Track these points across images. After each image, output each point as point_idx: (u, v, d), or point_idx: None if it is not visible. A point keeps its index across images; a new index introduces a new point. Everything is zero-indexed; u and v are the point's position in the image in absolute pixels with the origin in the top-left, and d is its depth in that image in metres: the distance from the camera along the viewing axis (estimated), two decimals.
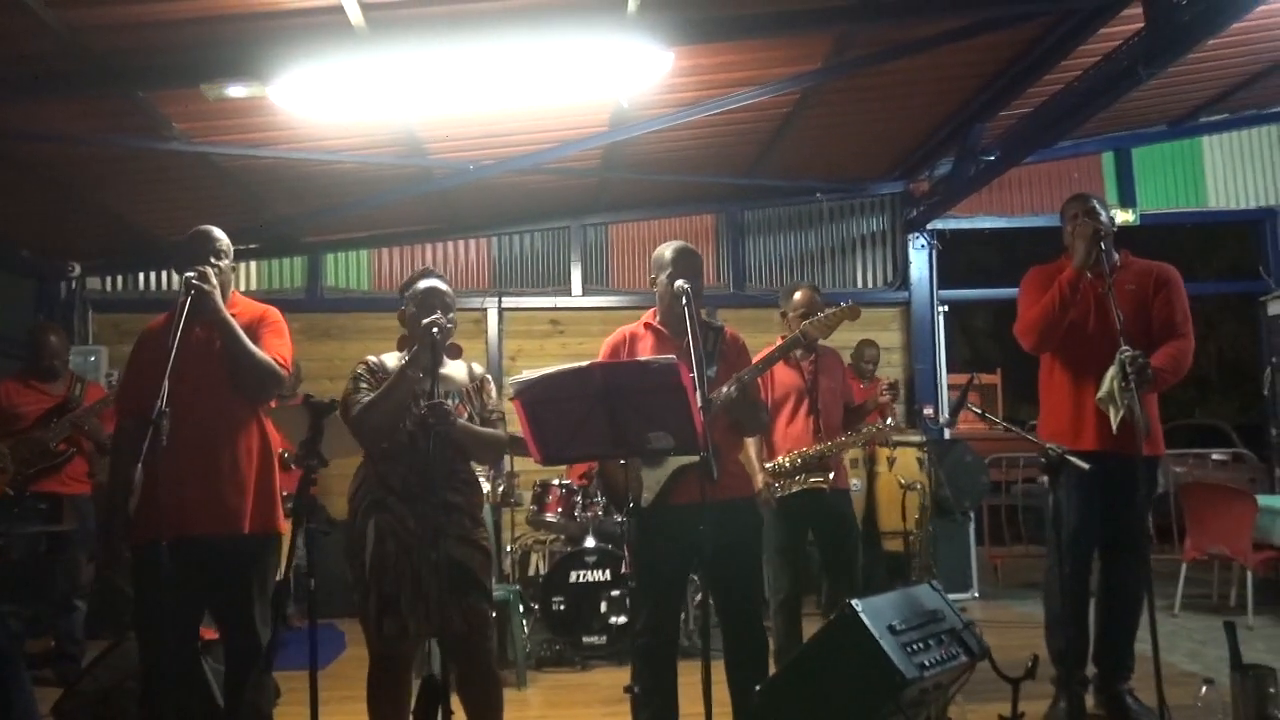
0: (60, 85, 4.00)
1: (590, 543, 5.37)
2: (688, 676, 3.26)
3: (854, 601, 2.61)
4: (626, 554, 3.58)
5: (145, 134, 4.89)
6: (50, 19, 3.55)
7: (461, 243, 7.70)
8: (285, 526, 3.31)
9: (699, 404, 2.67)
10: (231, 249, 3.30)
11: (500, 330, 7.59)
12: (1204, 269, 12.42)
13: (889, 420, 4.31)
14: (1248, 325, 9.27)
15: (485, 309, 7.59)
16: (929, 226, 7.54)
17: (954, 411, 3.44)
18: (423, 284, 3.20)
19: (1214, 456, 8.28)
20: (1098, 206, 3.87)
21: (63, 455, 4.85)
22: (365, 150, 5.61)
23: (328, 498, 6.35)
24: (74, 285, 7.21)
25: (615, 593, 5.22)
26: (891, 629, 2.56)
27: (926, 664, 2.55)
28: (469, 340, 7.66)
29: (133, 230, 6.67)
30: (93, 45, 3.85)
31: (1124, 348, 3.47)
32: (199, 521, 3.02)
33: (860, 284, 7.79)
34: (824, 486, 3.93)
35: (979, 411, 3.22)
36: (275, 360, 3.17)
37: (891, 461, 5.68)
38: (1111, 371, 3.53)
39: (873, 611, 2.59)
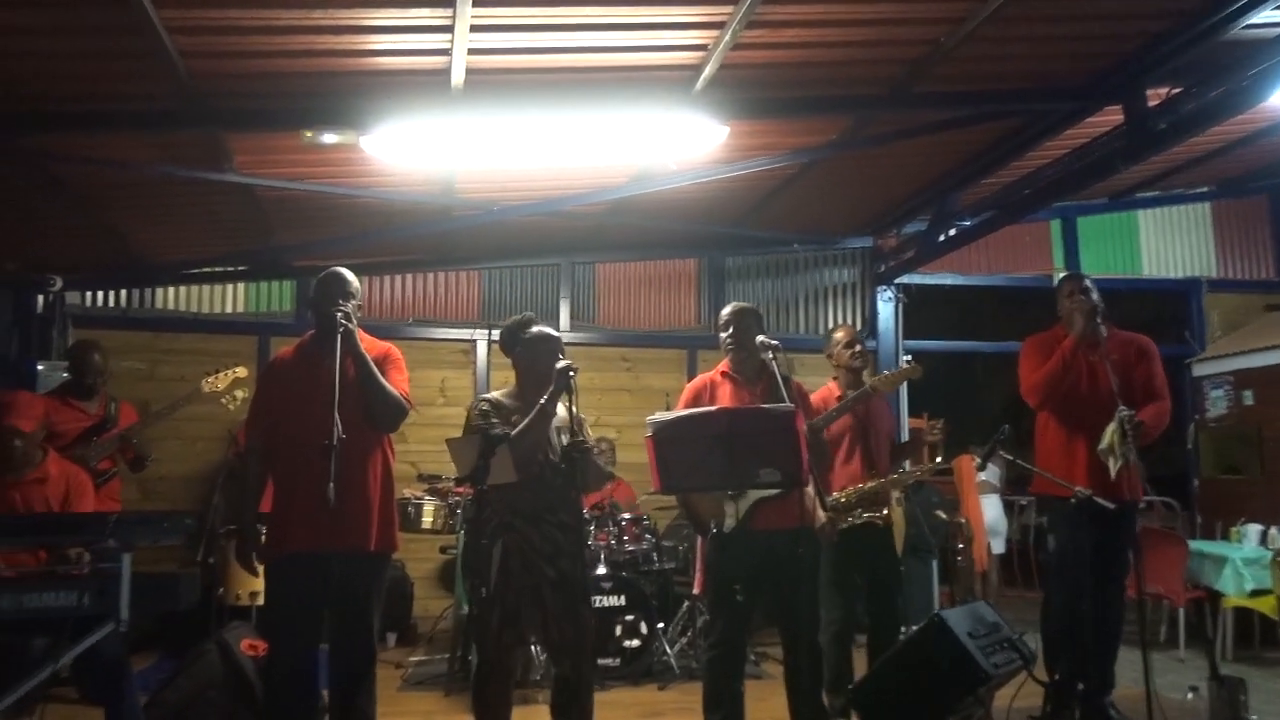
0: (165, 122, 4.20)
1: (602, 570, 5.64)
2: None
3: (940, 612, 3.09)
4: (698, 573, 3.89)
5: (202, 166, 4.98)
6: (180, 66, 3.77)
7: (452, 274, 7.84)
8: None
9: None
10: (360, 290, 3.60)
11: (489, 361, 7.71)
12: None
13: (938, 459, 4.69)
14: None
15: (474, 340, 7.73)
16: (896, 281, 8.12)
17: (985, 458, 3.94)
18: (534, 330, 3.56)
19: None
20: (1090, 285, 4.49)
21: (105, 474, 4.95)
22: (398, 187, 5.74)
23: None
24: (52, 299, 7.04)
25: (630, 617, 5.50)
26: (971, 635, 3.04)
27: (997, 664, 3.04)
28: (458, 370, 7.85)
29: (129, 249, 6.64)
30: (207, 90, 4.04)
31: (1122, 408, 4.04)
32: (329, 539, 3.31)
33: None
34: (879, 522, 4.24)
35: (1010, 458, 3.74)
36: (401, 395, 3.50)
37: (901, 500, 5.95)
38: (1111, 427, 4.08)
39: (955, 620, 3.07)
